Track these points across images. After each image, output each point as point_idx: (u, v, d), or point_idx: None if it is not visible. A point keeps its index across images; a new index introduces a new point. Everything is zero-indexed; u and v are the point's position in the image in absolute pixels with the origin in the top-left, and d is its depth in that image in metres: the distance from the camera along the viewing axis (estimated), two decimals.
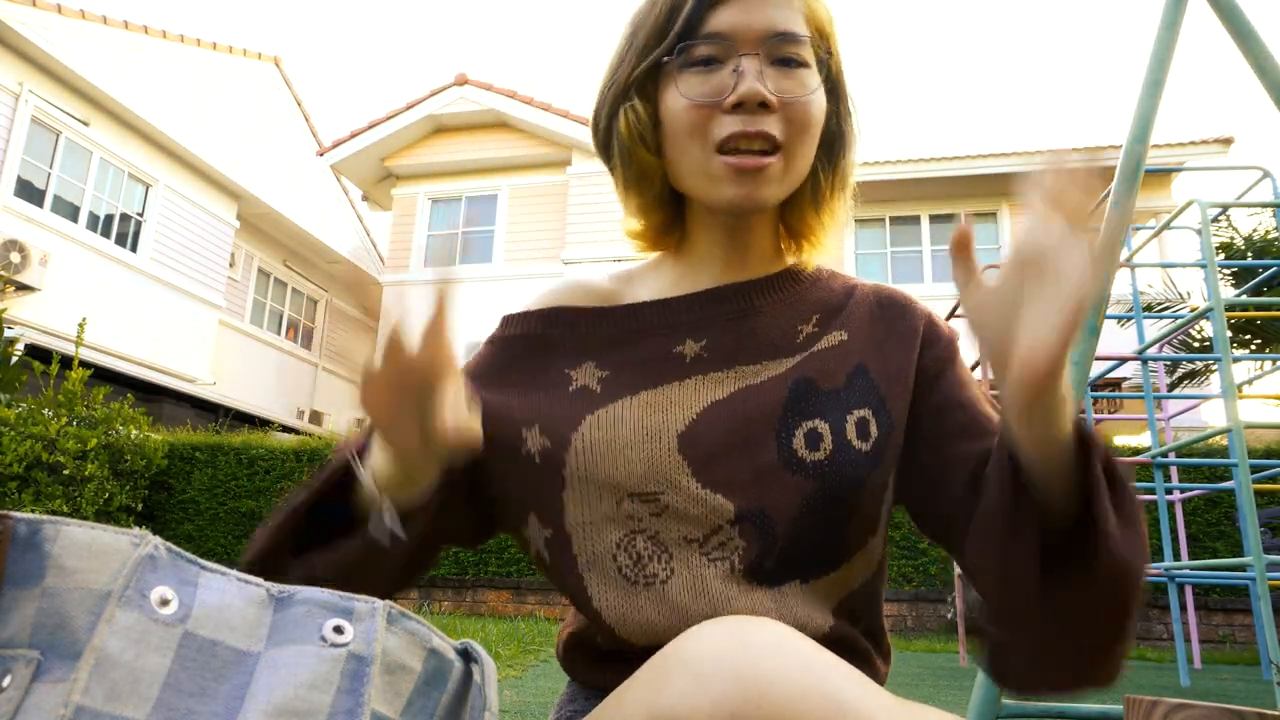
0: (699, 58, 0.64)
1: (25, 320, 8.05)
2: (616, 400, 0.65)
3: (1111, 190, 1.53)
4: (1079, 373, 1.45)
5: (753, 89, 0.61)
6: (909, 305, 0.72)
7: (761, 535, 0.61)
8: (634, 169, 0.69)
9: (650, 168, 0.68)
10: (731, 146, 0.63)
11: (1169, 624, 5.46)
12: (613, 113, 0.69)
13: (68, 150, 8.94)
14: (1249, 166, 3.59)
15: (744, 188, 0.63)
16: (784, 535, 0.61)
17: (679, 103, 0.64)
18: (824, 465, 0.62)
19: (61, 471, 5.82)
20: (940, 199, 9.31)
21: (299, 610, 0.40)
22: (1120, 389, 7.84)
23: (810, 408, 0.64)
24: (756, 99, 0.61)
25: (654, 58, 0.65)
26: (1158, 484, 3.78)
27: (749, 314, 0.69)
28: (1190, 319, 2.68)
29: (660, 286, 0.73)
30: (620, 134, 0.68)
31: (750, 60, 0.62)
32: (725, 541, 0.61)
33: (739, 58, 0.63)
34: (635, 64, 0.66)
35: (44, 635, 0.34)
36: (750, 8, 0.63)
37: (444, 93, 9.96)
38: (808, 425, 0.63)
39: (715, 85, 0.63)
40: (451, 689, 0.42)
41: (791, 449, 0.62)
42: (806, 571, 0.62)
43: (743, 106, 0.62)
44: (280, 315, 12.59)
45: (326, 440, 7.03)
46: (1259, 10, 4.21)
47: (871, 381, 0.67)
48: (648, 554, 0.61)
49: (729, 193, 0.64)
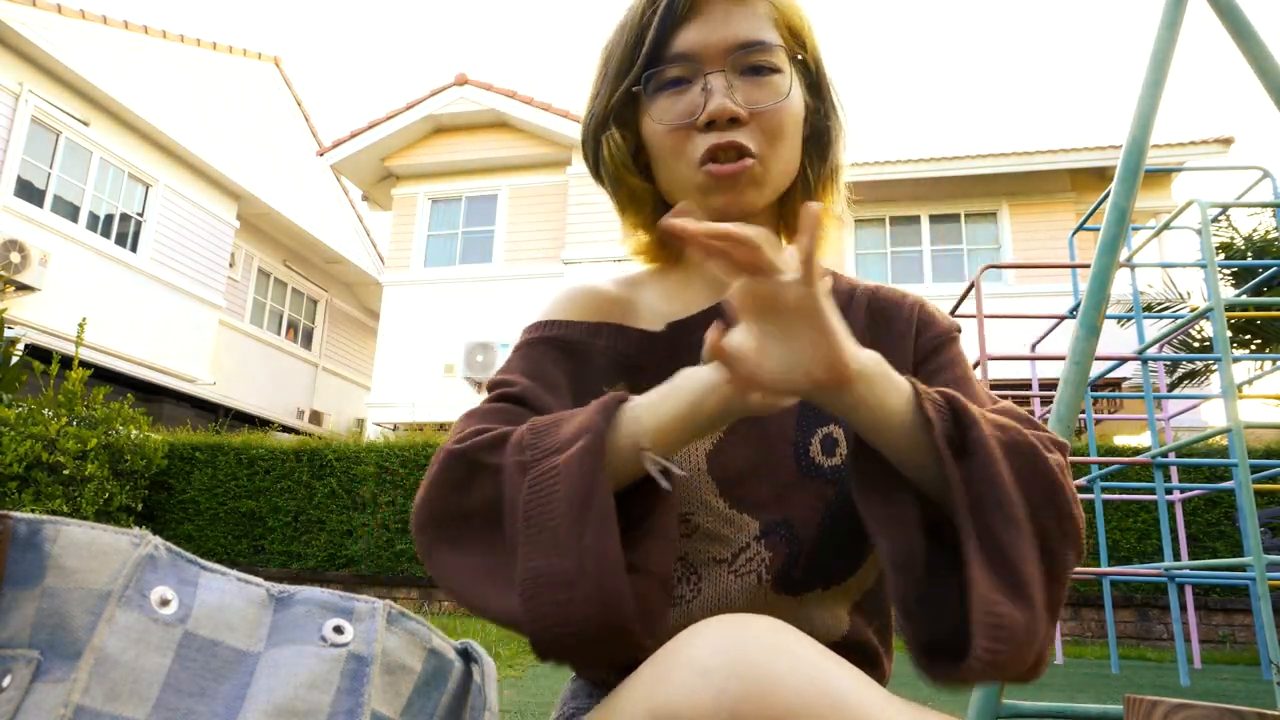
0: (668, 80, 0.65)
1: (25, 320, 8.05)
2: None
3: (1112, 190, 1.53)
4: (1079, 372, 1.44)
5: (720, 106, 0.62)
6: (902, 300, 0.73)
7: (788, 544, 0.62)
8: (624, 192, 0.71)
9: (639, 190, 0.70)
10: (711, 158, 0.64)
11: (1169, 624, 5.46)
12: (596, 143, 0.71)
13: (68, 150, 8.94)
14: (1249, 166, 3.59)
15: (728, 194, 0.65)
16: (809, 541, 0.62)
17: (656, 128, 0.66)
18: (841, 470, 0.63)
19: (61, 471, 5.82)
20: (940, 199, 9.30)
21: (299, 610, 0.40)
22: (1120, 389, 7.84)
23: (821, 413, 0.65)
24: (725, 115, 0.62)
25: (624, 87, 0.67)
26: (1158, 484, 3.77)
27: None
28: (1190, 319, 2.68)
29: (668, 293, 0.73)
30: (605, 162, 0.70)
31: (717, 77, 0.63)
32: (752, 557, 0.62)
33: (705, 76, 0.64)
34: (610, 94, 0.68)
35: (44, 635, 0.34)
36: (713, 24, 0.64)
37: (444, 93, 9.96)
38: (822, 431, 0.65)
39: (686, 106, 0.64)
40: (451, 689, 0.42)
41: (809, 457, 0.64)
42: (829, 578, 0.63)
43: (714, 124, 0.63)
44: (280, 315, 12.59)
45: (326, 440, 7.02)
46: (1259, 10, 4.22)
47: None
48: (677, 576, 0.62)
49: (715, 201, 0.65)
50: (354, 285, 14.13)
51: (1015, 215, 9.15)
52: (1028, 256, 8.87)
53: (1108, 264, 1.47)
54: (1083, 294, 1.49)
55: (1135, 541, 5.58)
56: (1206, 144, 8.67)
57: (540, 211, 10.04)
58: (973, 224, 9.35)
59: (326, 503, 6.69)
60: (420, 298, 10.00)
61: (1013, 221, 9.14)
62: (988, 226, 9.30)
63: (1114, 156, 8.70)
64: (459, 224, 10.34)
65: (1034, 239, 8.96)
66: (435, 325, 9.80)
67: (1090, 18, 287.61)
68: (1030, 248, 8.93)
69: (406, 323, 9.92)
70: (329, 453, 6.81)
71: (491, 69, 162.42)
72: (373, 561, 6.50)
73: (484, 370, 9.09)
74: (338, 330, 13.80)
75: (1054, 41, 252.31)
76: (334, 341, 13.66)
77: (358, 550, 6.53)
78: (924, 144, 79.11)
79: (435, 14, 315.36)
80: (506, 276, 9.86)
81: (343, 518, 6.62)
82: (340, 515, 6.63)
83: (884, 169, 9.01)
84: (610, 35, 0.70)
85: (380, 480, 6.63)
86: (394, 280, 10.12)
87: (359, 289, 14.20)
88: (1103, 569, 3.45)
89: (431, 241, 10.34)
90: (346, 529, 6.60)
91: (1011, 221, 9.15)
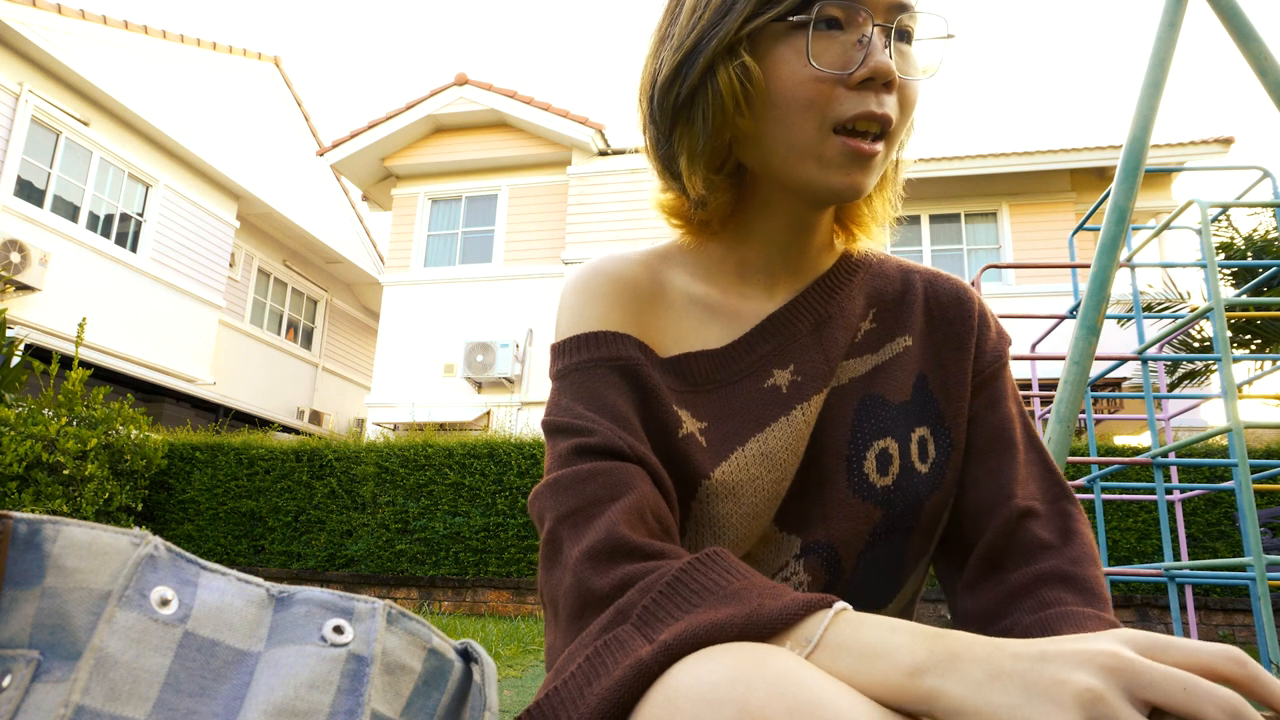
0: (826, 17, 0.55)
1: (25, 320, 8.05)
2: (730, 453, 0.59)
3: (1112, 190, 1.53)
4: (1079, 372, 1.44)
5: (886, 64, 0.54)
6: (963, 302, 0.68)
7: (828, 568, 0.59)
8: (721, 138, 0.60)
9: (744, 135, 0.59)
10: (850, 127, 0.56)
11: (1169, 624, 5.46)
12: (708, 69, 0.58)
13: (68, 150, 8.94)
14: (1249, 166, 3.59)
15: (853, 175, 0.57)
16: (850, 567, 0.59)
17: (801, 71, 0.55)
18: (891, 491, 0.60)
19: (61, 471, 5.82)
20: (940, 199, 9.30)
21: (299, 610, 0.39)
22: (1120, 389, 7.84)
23: (880, 424, 0.62)
24: (888, 76, 0.54)
25: (775, 12, 0.55)
26: (1158, 484, 3.77)
27: (823, 322, 0.65)
28: (1190, 319, 2.68)
29: (699, 273, 0.67)
30: (719, 93, 0.57)
31: (880, 33, 0.55)
32: (789, 577, 0.59)
33: (873, 25, 0.55)
34: (749, 14, 0.56)
35: (44, 635, 0.34)
36: None
37: (444, 93, 9.97)
38: (879, 445, 0.61)
39: (841, 54, 0.55)
40: (451, 689, 0.42)
41: (863, 473, 0.60)
42: (865, 605, 0.61)
43: (870, 83, 0.55)
44: (280, 315, 12.59)
45: (326, 440, 7.02)
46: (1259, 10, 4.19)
47: (930, 395, 0.65)
48: None
49: (837, 180, 0.57)
50: (354, 285, 14.13)
51: (1015, 215, 9.15)
52: (1028, 256, 8.87)
53: (1108, 264, 1.47)
54: (1083, 294, 1.49)
55: (1135, 541, 5.58)
56: (1206, 144, 8.67)
57: (540, 211, 10.04)
58: (973, 224, 9.34)
59: (326, 503, 6.69)
60: (420, 298, 10.00)
61: (1013, 221, 9.14)
62: (988, 226, 9.30)
63: (1114, 156, 8.70)
64: (459, 224, 10.34)
65: (1034, 239, 8.96)
66: (435, 325, 9.80)
67: (1091, 18, 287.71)
68: (1030, 248, 8.93)
69: (406, 323, 9.92)
70: (329, 453, 6.81)
71: (491, 69, 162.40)
72: (373, 561, 6.50)
73: (484, 370, 9.09)
74: (338, 330, 13.80)
75: (1054, 41, 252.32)
76: (334, 341, 13.66)
77: (358, 550, 6.53)
78: (924, 144, 78.79)
79: (435, 14, 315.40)
80: (506, 276, 9.87)
81: (343, 518, 6.62)
82: (340, 515, 6.63)
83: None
84: None
85: (380, 480, 6.63)
86: (394, 280, 10.13)
87: (359, 289, 14.21)
88: (1103, 569, 3.44)
89: (431, 241, 10.35)
90: (346, 529, 6.60)
91: (1011, 221, 9.15)
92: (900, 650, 0.37)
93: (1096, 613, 0.52)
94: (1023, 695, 0.33)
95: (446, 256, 10.26)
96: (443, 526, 6.41)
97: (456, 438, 6.76)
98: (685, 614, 0.42)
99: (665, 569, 0.45)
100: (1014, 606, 0.55)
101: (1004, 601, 0.56)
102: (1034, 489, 0.61)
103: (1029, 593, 0.56)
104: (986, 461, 0.63)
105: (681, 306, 0.64)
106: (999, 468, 0.62)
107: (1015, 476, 0.61)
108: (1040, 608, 0.54)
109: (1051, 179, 9.03)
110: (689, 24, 0.59)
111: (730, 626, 0.39)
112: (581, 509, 0.52)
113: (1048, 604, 0.54)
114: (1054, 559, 0.57)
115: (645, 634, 0.42)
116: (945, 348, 0.66)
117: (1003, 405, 0.65)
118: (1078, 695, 0.32)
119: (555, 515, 0.53)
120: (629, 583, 0.46)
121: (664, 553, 0.48)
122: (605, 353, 0.59)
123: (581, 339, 0.61)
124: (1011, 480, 0.61)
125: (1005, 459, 0.62)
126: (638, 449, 0.55)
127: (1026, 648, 0.35)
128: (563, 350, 0.61)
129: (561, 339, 0.62)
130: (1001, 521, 0.59)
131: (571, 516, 0.52)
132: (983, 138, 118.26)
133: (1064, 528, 0.60)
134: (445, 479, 6.51)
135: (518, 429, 8.76)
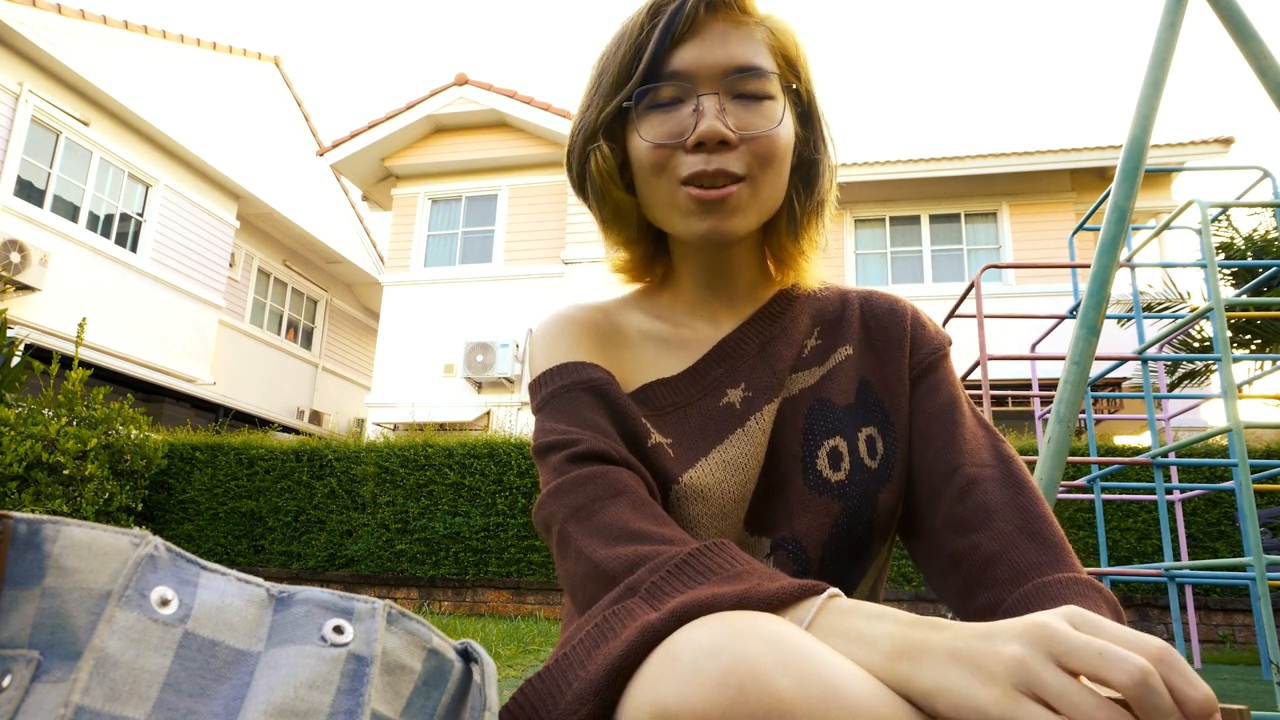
0: (662, 99, 0.65)
1: (25, 320, 8.05)
2: (696, 462, 0.65)
3: (1112, 190, 1.53)
4: (1079, 372, 1.44)
5: (711, 128, 0.62)
6: (894, 307, 0.75)
7: (796, 561, 0.63)
8: (609, 207, 0.71)
9: (624, 205, 0.70)
10: (694, 183, 0.64)
11: (1169, 624, 5.46)
12: (584, 155, 0.70)
13: (68, 150, 8.94)
14: (1249, 166, 3.59)
15: (711, 220, 0.65)
16: (817, 559, 0.64)
17: (642, 145, 0.66)
18: (845, 485, 0.65)
19: (61, 471, 5.82)
20: (940, 199, 9.30)
21: (299, 610, 0.39)
22: (1120, 389, 7.84)
23: (829, 425, 0.67)
24: (715, 138, 0.62)
25: (617, 102, 0.66)
26: (1158, 484, 3.77)
27: (767, 342, 0.72)
28: (1190, 319, 2.68)
29: (653, 313, 0.75)
30: (592, 175, 0.69)
31: (709, 99, 0.63)
32: None
33: (698, 97, 0.64)
34: (601, 108, 0.68)
35: (44, 635, 0.34)
36: (710, 45, 0.64)
37: (444, 93, 9.96)
38: (829, 444, 0.67)
39: (676, 125, 0.64)
40: (451, 689, 0.42)
41: (817, 470, 0.65)
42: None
43: (703, 145, 0.63)
44: (280, 315, 12.59)
45: (326, 440, 7.02)
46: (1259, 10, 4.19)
47: (875, 397, 0.70)
48: None
49: (699, 226, 0.65)
50: (354, 285, 14.13)
51: (1015, 215, 9.14)
52: (1028, 256, 8.87)
53: (1108, 264, 1.47)
54: (1083, 294, 1.49)
55: (1135, 541, 5.58)
56: (1206, 144, 8.67)
57: (540, 211, 10.05)
58: (973, 224, 9.34)
59: (326, 503, 6.69)
60: (420, 298, 10.00)
61: (1013, 221, 9.14)
62: (988, 226, 9.30)
63: (1114, 156, 8.70)
64: (459, 224, 10.34)
65: (1034, 239, 8.96)
66: (435, 325, 9.80)
67: (1090, 18, 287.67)
68: (1030, 248, 8.93)
69: (406, 323, 9.92)
70: (329, 453, 6.81)
71: (491, 69, 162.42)
72: (373, 561, 6.50)
73: (484, 370, 9.09)
74: (338, 330, 13.80)
75: (1054, 41, 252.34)
76: (334, 341, 13.66)
77: (358, 550, 6.53)
78: (924, 144, 78.95)
79: (435, 14, 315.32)
80: (506, 276, 9.87)
81: (343, 518, 6.63)
82: (340, 515, 6.63)
83: (884, 169, 9.00)
84: (606, 46, 0.70)
85: (380, 480, 6.63)
86: (394, 280, 10.13)
87: (359, 289, 14.21)
88: (1102, 569, 3.44)
89: (431, 241, 10.35)
90: (346, 529, 6.61)
91: (1011, 221, 9.14)
92: (881, 638, 0.41)
93: (1071, 576, 0.56)
94: (969, 671, 0.38)
95: (446, 256, 10.26)
96: (443, 526, 6.41)
97: (456, 438, 6.76)
98: (690, 590, 0.46)
99: (674, 552, 0.50)
100: (989, 578, 0.59)
101: (979, 570, 0.60)
102: (984, 455, 0.66)
103: (1000, 560, 0.59)
104: (933, 442, 0.67)
105: (639, 343, 0.72)
106: (946, 444, 0.67)
107: (963, 448, 0.66)
108: (1017, 580, 0.57)
109: (1051, 179, 9.03)
110: (579, 117, 0.71)
111: (728, 600, 0.43)
112: (586, 505, 0.57)
113: (1023, 574, 0.57)
114: (1012, 516, 0.60)
115: (653, 605, 0.46)
116: (884, 352, 0.72)
117: (943, 389, 0.70)
118: (1005, 664, 0.36)
119: (563, 515, 0.58)
120: (639, 562, 0.51)
121: (673, 538, 0.53)
122: (577, 377, 0.67)
123: (555, 370, 0.68)
124: (960, 451, 0.66)
125: (951, 434, 0.67)
126: (624, 454, 0.61)
127: (976, 629, 0.39)
128: (540, 384, 0.69)
129: (536, 375, 0.70)
130: (956, 491, 0.63)
131: (578, 513, 0.57)
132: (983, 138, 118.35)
133: (1010, 476, 0.63)
134: (445, 479, 6.51)
135: (518, 429, 8.76)
